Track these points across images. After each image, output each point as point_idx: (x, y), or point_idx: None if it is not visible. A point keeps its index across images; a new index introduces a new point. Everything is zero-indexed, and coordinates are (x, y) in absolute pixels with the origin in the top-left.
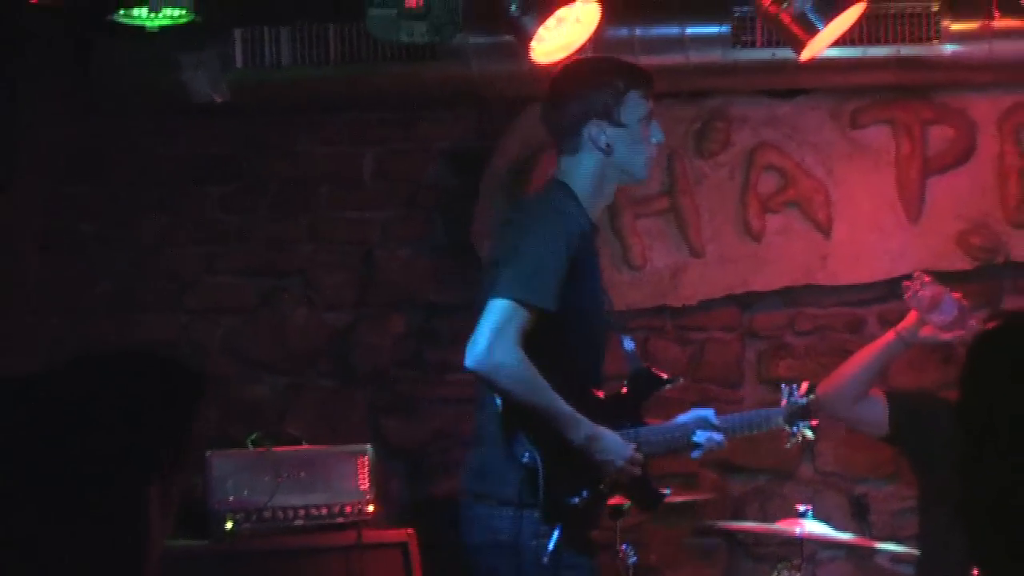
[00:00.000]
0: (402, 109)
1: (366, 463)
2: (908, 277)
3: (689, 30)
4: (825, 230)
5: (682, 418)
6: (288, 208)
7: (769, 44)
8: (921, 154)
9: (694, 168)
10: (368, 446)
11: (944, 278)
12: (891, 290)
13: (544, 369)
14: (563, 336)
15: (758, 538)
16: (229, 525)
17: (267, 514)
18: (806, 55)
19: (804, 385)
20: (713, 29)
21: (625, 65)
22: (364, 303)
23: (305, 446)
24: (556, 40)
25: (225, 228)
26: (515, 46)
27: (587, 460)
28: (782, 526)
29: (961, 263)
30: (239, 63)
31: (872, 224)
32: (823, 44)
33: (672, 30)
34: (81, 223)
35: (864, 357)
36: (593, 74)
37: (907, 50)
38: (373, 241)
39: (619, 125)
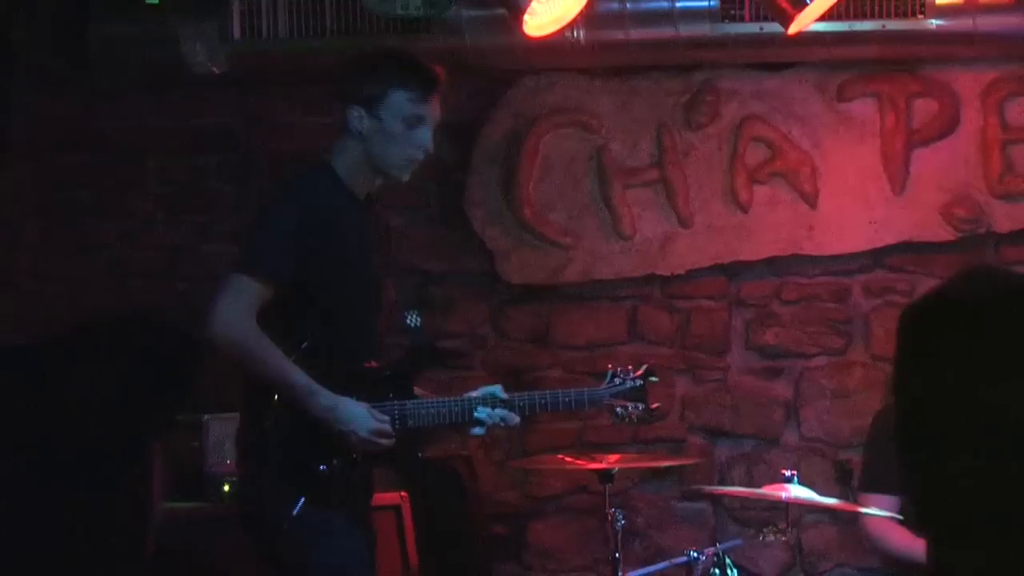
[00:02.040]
0: None
1: None
2: (893, 248)
3: (679, 4)
4: (811, 201)
5: (468, 394)
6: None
7: (757, 18)
8: (906, 127)
9: (683, 140)
10: None
11: (927, 249)
12: (875, 260)
13: (291, 339)
14: (311, 307)
15: (744, 503)
16: (226, 488)
17: None
18: (793, 29)
19: (641, 369)
20: (702, 3)
21: (406, 64)
22: None
23: None
24: (548, 13)
25: (220, 198)
26: (508, 19)
27: (331, 430)
28: (768, 491)
29: (944, 234)
30: (236, 34)
31: (857, 195)
32: (810, 18)
33: (662, 4)
34: (79, 193)
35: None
36: (369, 62)
37: (893, 24)
38: None
39: (376, 118)
